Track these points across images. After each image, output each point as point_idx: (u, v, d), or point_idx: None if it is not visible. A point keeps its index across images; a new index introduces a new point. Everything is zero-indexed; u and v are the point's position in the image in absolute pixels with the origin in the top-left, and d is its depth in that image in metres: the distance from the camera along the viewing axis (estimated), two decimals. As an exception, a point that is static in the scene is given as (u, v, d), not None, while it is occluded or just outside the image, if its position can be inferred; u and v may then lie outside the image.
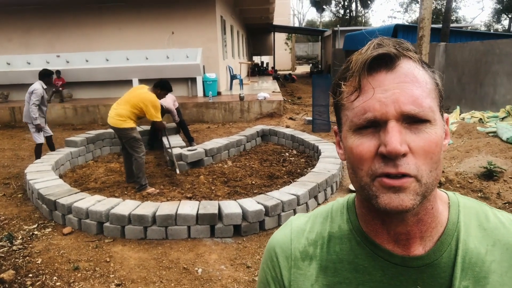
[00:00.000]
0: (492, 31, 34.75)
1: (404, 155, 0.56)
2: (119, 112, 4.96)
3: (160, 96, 5.12)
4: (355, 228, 0.69)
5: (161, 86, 5.13)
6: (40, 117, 6.03)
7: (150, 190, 5.01)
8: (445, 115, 0.64)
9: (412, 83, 0.58)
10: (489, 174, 5.09)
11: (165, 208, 3.94)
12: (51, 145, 6.41)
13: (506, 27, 38.06)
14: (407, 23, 26.29)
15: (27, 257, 3.51)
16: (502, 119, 7.77)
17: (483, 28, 39.72)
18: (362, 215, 0.69)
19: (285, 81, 21.75)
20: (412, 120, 0.57)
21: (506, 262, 0.62)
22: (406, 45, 0.61)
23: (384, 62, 0.59)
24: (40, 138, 6.12)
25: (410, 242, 0.64)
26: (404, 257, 0.64)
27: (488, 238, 0.64)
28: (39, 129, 6.03)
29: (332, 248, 0.70)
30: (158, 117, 5.04)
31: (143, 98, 4.93)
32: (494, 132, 6.76)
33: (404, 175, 0.56)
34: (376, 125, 0.58)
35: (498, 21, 39.45)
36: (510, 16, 36.40)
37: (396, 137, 0.55)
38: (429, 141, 0.57)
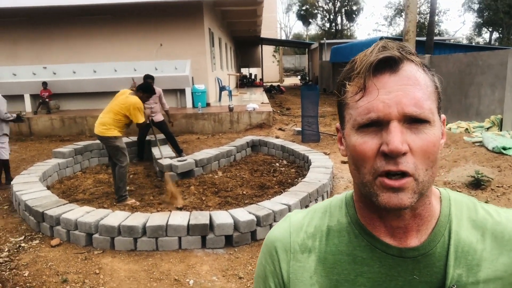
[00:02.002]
0: (474, 44, 35.66)
1: (404, 154, 0.59)
2: (103, 121, 4.95)
3: (143, 99, 5.10)
4: (353, 221, 0.72)
5: (143, 89, 5.15)
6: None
7: (130, 202, 4.96)
8: (442, 116, 0.67)
9: (414, 86, 0.61)
10: (477, 183, 5.17)
11: (156, 219, 3.89)
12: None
13: (487, 40, 39.11)
14: (392, 36, 26.82)
15: (14, 270, 3.42)
16: (487, 129, 7.93)
17: (465, 41, 40.72)
18: (360, 209, 0.71)
19: (273, 89, 21.98)
20: (413, 121, 0.60)
21: (496, 249, 0.66)
22: (409, 49, 0.64)
23: (388, 65, 0.61)
24: (5, 153, 5.77)
25: (407, 235, 0.67)
26: (400, 249, 0.66)
27: (478, 228, 0.68)
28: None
29: (331, 240, 0.72)
30: (139, 119, 4.96)
31: (125, 103, 4.92)
32: (480, 141, 6.89)
33: (403, 174, 0.59)
34: (378, 125, 0.61)
35: (479, 34, 40.53)
36: (490, 29, 37.44)
37: (398, 137, 0.59)
38: (427, 141, 0.61)
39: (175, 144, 7.35)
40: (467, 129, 8.02)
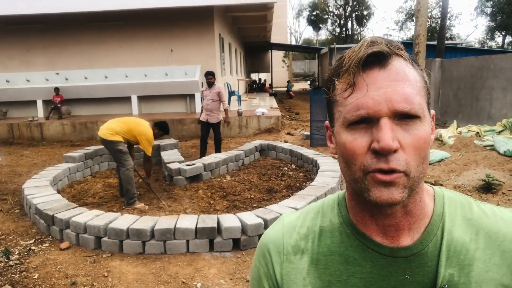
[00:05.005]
0: (486, 48, 35.23)
1: (395, 151, 0.58)
2: (111, 126, 5.06)
3: (156, 136, 5.34)
4: (345, 221, 0.71)
5: (159, 127, 5.38)
6: None
7: (139, 205, 4.99)
8: (432, 111, 0.67)
9: (403, 81, 0.60)
10: (488, 187, 5.10)
11: (164, 222, 3.91)
12: None
13: (500, 44, 38.65)
14: (402, 40, 26.70)
15: (24, 272, 3.47)
16: (499, 132, 7.82)
17: (477, 45, 40.28)
18: (352, 208, 0.70)
19: (286, 94, 21.95)
20: (403, 117, 0.60)
21: (490, 249, 0.64)
22: (397, 44, 0.63)
23: (377, 60, 0.61)
24: None
25: (399, 234, 0.66)
26: (392, 248, 0.66)
27: (472, 227, 0.66)
28: None
29: (323, 241, 0.72)
30: (149, 151, 5.19)
31: (141, 131, 5.11)
32: (491, 145, 6.80)
33: (394, 170, 0.59)
34: (368, 122, 0.60)
35: (492, 38, 40.06)
36: (503, 33, 37.00)
37: (389, 134, 0.58)
38: (418, 138, 0.60)
39: (219, 148, 7.43)
40: (478, 132, 7.92)
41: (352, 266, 0.68)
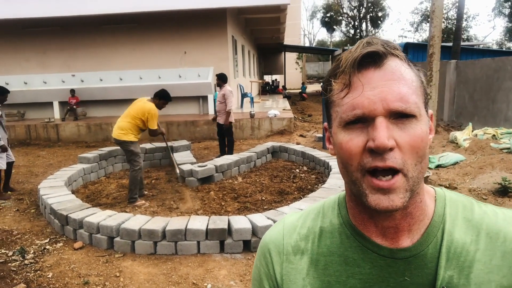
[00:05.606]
0: (504, 49, 34.58)
1: (391, 149, 0.58)
2: (121, 125, 5.22)
3: (159, 106, 5.35)
4: (345, 222, 0.71)
5: (160, 96, 5.37)
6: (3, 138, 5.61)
7: (140, 203, 5.17)
8: (430, 111, 0.66)
9: (398, 81, 0.60)
10: (504, 190, 5.00)
11: (175, 223, 3.94)
12: (9, 172, 5.88)
13: (518, 45, 37.86)
14: (417, 42, 26.40)
15: (38, 271, 3.53)
16: (516, 135, 7.66)
17: (495, 47, 39.54)
18: (351, 209, 0.70)
19: (300, 96, 21.96)
20: (399, 116, 0.59)
21: (490, 250, 0.63)
22: (393, 44, 0.63)
23: (373, 60, 0.61)
24: (3, 163, 5.56)
25: (398, 235, 0.65)
26: (392, 250, 0.65)
27: (473, 228, 0.65)
28: (4, 149, 5.55)
29: (323, 242, 0.72)
30: (153, 125, 5.25)
31: (141, 109, 5.20)
32: (508, 148, 6.67)
33: (392, 171, 0.58)
34: (364, 121, 0.60)
35: (510, 39, 39.29)
36: (522, 34, 36.24)
37: (384, 132, 0.58)
38: (414, 136, 0.59)
39: (231, 149, 7.50)
40: (494, 135, 7.78)
41: (352, 267, 0.68)
